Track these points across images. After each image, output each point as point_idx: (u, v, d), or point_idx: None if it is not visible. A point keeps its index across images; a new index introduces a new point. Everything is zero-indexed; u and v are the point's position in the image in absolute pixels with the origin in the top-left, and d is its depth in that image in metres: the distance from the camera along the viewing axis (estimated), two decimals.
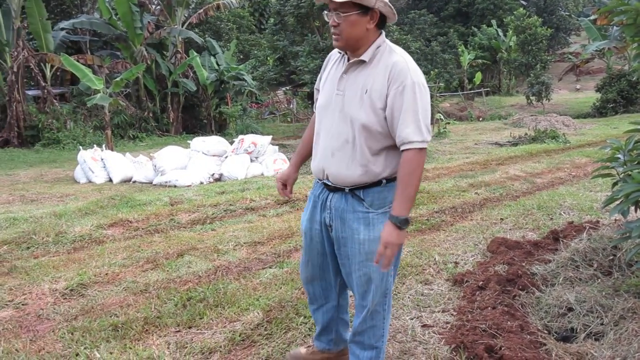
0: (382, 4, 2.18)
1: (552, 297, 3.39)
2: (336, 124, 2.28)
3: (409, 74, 2.15)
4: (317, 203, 2.45)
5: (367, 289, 2.35)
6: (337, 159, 2.28)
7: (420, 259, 4.40)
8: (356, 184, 2.28)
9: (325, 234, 2.45)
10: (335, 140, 2.28)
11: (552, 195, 6.76)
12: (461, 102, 30.80)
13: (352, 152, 2.24)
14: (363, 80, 2.22)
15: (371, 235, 2.27)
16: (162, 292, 3.79)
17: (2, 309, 3.59)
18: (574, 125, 19.41)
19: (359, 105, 2.21)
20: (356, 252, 2.32)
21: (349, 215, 2.31)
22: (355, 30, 2.18)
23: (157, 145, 16.54)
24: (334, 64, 2.41)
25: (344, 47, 2.27)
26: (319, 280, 2.58)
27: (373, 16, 2.19)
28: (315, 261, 2.54)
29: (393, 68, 2.17)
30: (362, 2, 2.14)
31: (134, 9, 19.17)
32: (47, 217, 6.07)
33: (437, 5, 43.97)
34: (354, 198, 2.30)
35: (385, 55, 2.23)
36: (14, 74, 17.21)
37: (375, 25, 2.22)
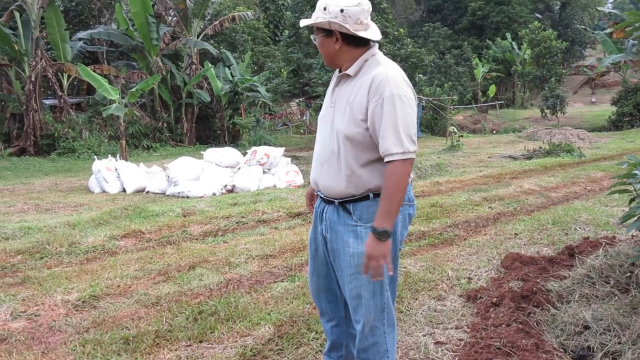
0: (337, 26, 2.24)
1: (568, 315, 3.33)
2: (326, 135, 2.37)
3: (388, 86, 2.17)
4: (317, 214, 2.51)
5: (359, 303, 2.36)
6: (325, 170, 2.35)
7: (433, 274, 4.36)
8: (343, 196, 2.31)
9: (325, 244, 2.48)
10: (325, 151, 2.36)
11: (567, 210, 6.69)
12: (475, 115, 30.68)
13: (337, 163, 2.30)
14: (348, 93, 2.29)
15: (360, 249, 2.28)
16: (173, 305, 3.78)
17: (15, 320, 3.61)
18: (589, 138, 19.23)
19: (342, 117, 2.28)
20: (347, 265, 2.34)
21: (340, 228, 2.35)
22: (326, 50, 2.34)
23: (171, 156, 16.64)
24: (334, 78, 2.50)
25: (328, 66, 2.44)
26: (325, 291, 2.59)
27: (337, 36, 2.29)
28: (320, 271, 2.56)
29: (373, 80, 2.21)
30: (319, 25, 2.29)
31: (150, 20, 19.38)
32: (61, 227, 6.12)
33: (452, 18, 44.06)
34: (344, 211, 2.34)
35: (370, 68, 2.28)
36: (31, 83, 17.43)
37: (348, 44, 2.30)
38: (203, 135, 22.62)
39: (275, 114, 29.61)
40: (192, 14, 21.04)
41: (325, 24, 2.26)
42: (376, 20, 12.09)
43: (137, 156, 17.27)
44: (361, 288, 2.33)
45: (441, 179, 9.92)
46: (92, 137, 18.25)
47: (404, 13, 45.38)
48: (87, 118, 19.13)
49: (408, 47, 12.37)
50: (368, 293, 2.33)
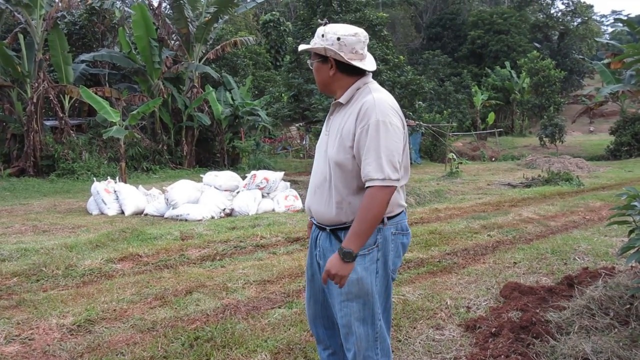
0: (332, 53, 2.28)
1: (568, 347, 3.30)
2: (320, 162, 2.41)
3: (374, 113, 2.19)
4: (312, 240, 2.52)
5: (349, 331, 2.34)
6: (317, 196, 2.38)
7: (432, 303, 4.33)
8: (334, 223, 2.33)
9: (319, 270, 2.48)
10: (317, 178, 2.39)
11: (566, 240, 6.67)
12: (474, 142, 30.83)
13: (328, 190, 2.32)
14: (339, 121, 2.33)
15: (350, 277, 2.27)
16: (169, 331, 3.74)
17: (9, 344, 3.57)
18: (588, 167, 19.30)
19: (333, 144, 2.31)
20: (337, 292, 2.34)
21: (330, 255, 2.32)
22: (320, 76, 2.38)
23: (170, 178, 16.65)
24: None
25: (322, 92, 2.49)
26: (322, 318, 2.58)
27: (331, 63, 2.32)
28: (317, 298, 2.56)
29: (362, 107, 2.23)
30: (315, 50, 2.34)
31: (153, 43, 19.59)
32: (58, 249, 6.09)
33: (451, 46, 44.56)
34: (336, 239, 2.35)
35: (362, 96, 2.30)
36: (33, 104, 17.53)
37: (342, 71, 2.33)
38: (203, 158, 22.68)
39: (275, 138, 29.73)
40: (194, 39, 21.26)
41: (321, 50, 2.31)
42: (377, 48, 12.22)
43: (137, 178, 17.27)
44: (351, 316, 2.32)
45: (440, 206, 9.91)
46: (91, 158, 18.29)
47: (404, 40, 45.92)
48: (88, 139, 19.19)
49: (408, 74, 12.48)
50: (358, 321, 2.32)
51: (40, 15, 17.79)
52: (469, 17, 45.49)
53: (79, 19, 22.42)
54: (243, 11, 26.86)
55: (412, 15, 49.50)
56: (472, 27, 43.31)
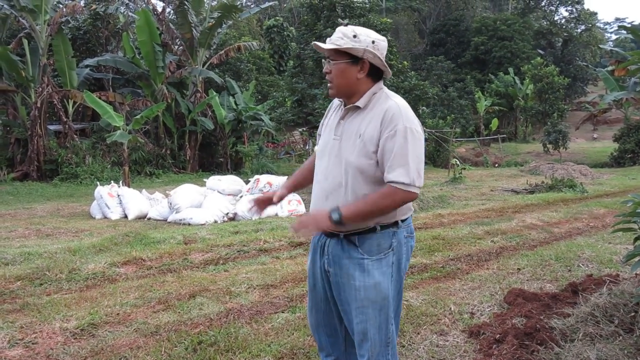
0: (371, 55, 2.24)
1: (572, 354, 3.28)
2: (331, 167, 2.33)
3: (400, 119, 2.19)
4: (316, 248, 2.46)
5: (364, 338, 2.32)
6: (330, 202, 2.29)
7: (435, 308, 4.32)
8: (350, 229, 2.28)
9: (326, 279, 2.44)
10: (330, 183, 2.32)
11: (570, 246, 6.65)
12: (477, 148, 30.80)
13: (344, 196, 2.26)
14: (357, 125, 2.28)
15: (367, 282, 2.26)
16: (172, 335, 3.74)
17: (12, 348, 3.56)
18: (592, 174, 19.25)
19: (352, 150, 2.25)
20: (353, 299, 2.31)
21: (345, 262, 2.31)
22: (344, 78, 2.28)
23: (173, 182, 16.66)
24: (334, 110, 2.48)
25: (336, 95, 2.35)
26: (324, 326, 2.55)
27: (363, 66, 2.27)
28: (319, 306, 2.53)
29: (386, 113, 2.21)
30: (351, 51, 2.23)
31: (157, 48, 19.66)
32: (62, 253, 6.09)
33: (455, 52, 44.59)
34: (349, 244, 2.31)
35: (381, 101, 2.28)
36: (37, 109, 17.59)
37: (368, 75, 2.29)
38: (206, 162, 22.71)
39: (278, 142, 29.76)
40: (198, 44, 21.33)
41: (360, 52, 2.23)
42: None
43: (140, 182, 17.30)
44: (367, 322, 2.30)
45: (443, 211, 9.89)
46: (95, 163, 18.32)
47: (407, 46, 45.97)
48: (91, 144, 19.25)
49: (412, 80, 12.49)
50: (374, 328, 2.30)
51: (44, 21, 17.86)
52: (473, 23, 45.54)
53: (83, 24, 22.51)
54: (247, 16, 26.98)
55: (415, 21, 49.56)
56: (475, 33, 43.35)
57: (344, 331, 2.53)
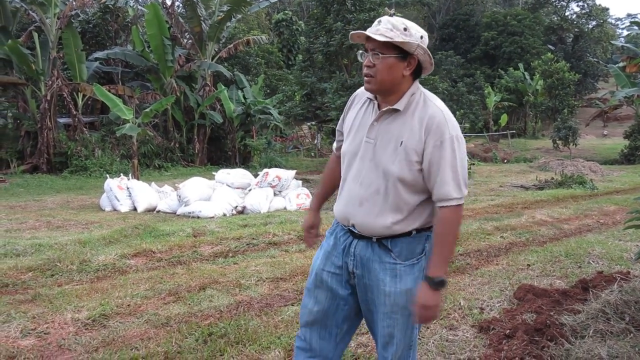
0: (422, 51, 2.09)
1: (583, 351, 3.27)
2: (366, 172, 2.18)
3: (447, 128, 2.07)
4: (337, 245, 2.32)
5: (390, 341, 2.24)
6: (365, 209, 2.18)
7: (445, 303, 4.31)
8: (384, 235, 2.17)
9: (345, 279, 2.31)
10: (365, 189, 2.18)
11: (580, 243, 6.62)
12: (486, 143, 30.69)
13: (382, 204, 2.14)
14: (397, 131, 2.13)
15: (398, 288, 2.17)
16: (183, 326, 3.76)
17: (25, 338, 3.60)
18: (601, 171, 19.14)
19: (393, 158, 2.11)
20: (381, 303, 2.21)
21: (375, 265, 2.20)
22: (391, 74, 2.09)
23: (182, 176, 16.72)
24: (361, 107, 2.29)
25: (375, 91, 2.16)
26: (320, 326, 2.38)
27: (411, 62, 2.11)
28: (321, 306, 2.36)
29: (430, 120, 2.08)
30: (403, 46, 2.06)
31: (166, 42, 19.69)
32: (72, 245, 6.12)
33: (464, 47, 44.39)
34: (381, 248, 2.19)
35: (421, 105, 2.14)
36: (47, 102, 17.68)
37: (411, 73, 2.13)
38: (214, 156, 22.77)
39: (286, 136, 29.78)
40: (207, 37, 21.35)
41: (413, 47, 2.06)
42: None
43: (149, 175, 17.37)
44: (394, 328, 2.22)
45: None
46: (104, 155, 18.42)
47: None
48: (100, 137, 19.34)
49: None
50: (401, 332, 2.23)
51: (54, 14, 17.94)
52: (483, 18, 45.33)
53: (92, 18, 22.58)
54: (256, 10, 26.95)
55: (425, 16, 49.37)
56: (485, 28, 43.14)
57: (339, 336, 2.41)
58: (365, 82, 2.15)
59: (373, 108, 2.22)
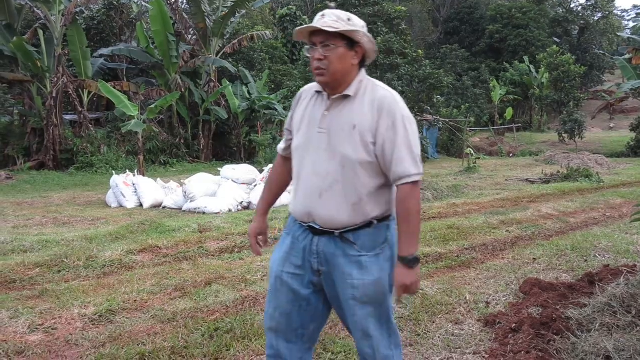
0: (367, 39, 2.16)
1: (589, 344, 3.27)
2: (322, 163, 2.18)
3: (397, 108, 2.14)
4: (296, 244, 2.29)
5: (365, 335, 2.25)
6: (325, 200, 2.17)
7: (451, 297, 4.32)
8: (347, 226, 2.17)
9: (307, 278, 2.29)
10: (323, 180, 2.17)
11: (587, 236, 6.61)
12: (491, 137, 30.55)
13: (342, 192, 2.15)
14: (349, 116, 2.16)
15: (365, 280, 2.18)
16: (189, 322, 3.78)
17: (33, 333, 3.63)
18: (608, 164, 19.04)
19: (348, 142, 2.14)
20: (350, 297, 2.21)
21: (340, 260, 2.19)
22: (342, 64, 2.15)
23: (188, 172, 16.75)
24: (309, 101, 2.31)
25: (328, 83, 2.18)
26: (285, 332, 2.35)
27: (358, 51, 2.18)
28: (283, 309, 2.33)
29: (381, 102, 2.14)
30: (351, 35, 2.13)
31: (170, 38, 19.69)
32: (79, 241, 6.16)
33: (469, 41, 44.16)
34: (344, 242, 2.19)
35: (370, 89, 2.20)
36: (53, 99, 17.73)
37: (359, 62, 2.21)
38: (220, 152, 22.78)
39: None
40: (211, 33, 21.33)
41: (359, 35, 2.14)
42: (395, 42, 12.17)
43: (154, 171, 17.41)
44: (367, 320, 2.23)
45: (458, 201, 9.86)
46: (110, 152, 18.46)
47: (421, 35, 45.61)
48: (106, 133, 19.39)
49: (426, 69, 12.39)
50: (375, 324, 2.25)
51: (59, 11, 17.95)
52: (487, 11, 45.02)
53: (97, 14, 22.61)
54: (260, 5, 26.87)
55: (429, 9, 49.10)
56: (490, 22, 42.88)
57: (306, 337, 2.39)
58: (317, 76, 2.18)
59: (322, 100, 2.26)
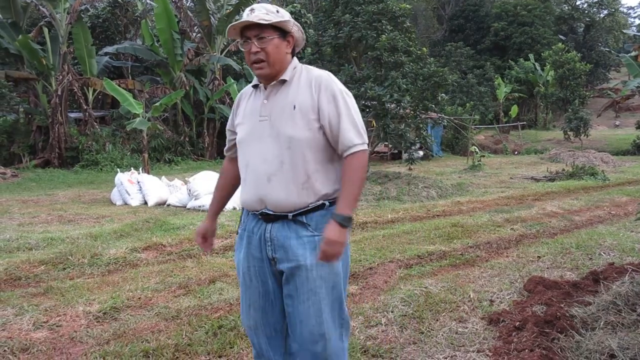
0: (297, 29, 2.29)
1: (593, 342, 3.26)
2: (267, 148, 2.24)
3: (334, 84, 2.23)
4: (252, 238, 2.32)
5: (318, 321, 2.23)
6: (275, 183, 2.21)
7: (455, 295, 4.31)
8: (298, 207, 2.21)
9: (268, 269, 2.31)
10: (269, 165, 2.22)
11: (591, 234, 6.58)
12: (496, 135, 30.48)
13: (290, 173, 2.20)
14: (288, 98, 2.24)
15: (319, 260, 2.19)
16: (193, 319, 3.79)
17: (37, 330, 3.64)
18: (613, 162, 18.97)
19: (290, 122, 2.21)
20: (304, 280, 2.21)
21: (293, 242, 2.22)
22: (279, 54, 2.24)
23: (192, 170, 16.77)
24: (248, 99, 2.39)
25: (268, 74, 2.26)
26: (263, 327, 2.38)
27: (289, 41, 2.29)
28: (257, 304, 2.36)
29: (317, 80, 2.23)
30: (282, 25, 2.23)
31: (175, 36, 19.72)
32: (84, 239, 6.18)
33: (474, 38, 44.02)
34: (297, 224, 2.22)
35: (304, 72, 2.30)
36: (58, 97, 17.79)
37: (291, 51, 2.31)
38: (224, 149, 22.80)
39: None
40: (216, 31, 21.34)
41: (290, 25, 2.26)
42: (399, 39, 12.10)
43: (159, 169, 17.44)
44: (321, 303, 2.23)
45: (462, 199, 9.84)
46: (115, 150, 18.51)
47: (426, 32, 45.51)
48: (111, 131, 19.44)
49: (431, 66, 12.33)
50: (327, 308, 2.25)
51: (64, 9, 18.01)
52: (492, 8, 44.84)
53: (102, 12, 22.66)
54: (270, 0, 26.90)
55: (434, 7, 48.96)
56: (495, 19, 42.71)
57: (285, 330, 2.40)
58: (256, 69, 2.25)
59: (260, 92, 2.34)
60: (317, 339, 2.24)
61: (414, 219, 7.97)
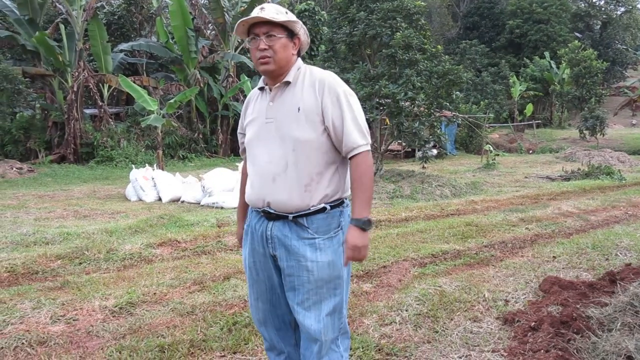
0: (303, 32, 2.33)
1: (610, 344, 3.23)
2: (273, 149, 2.27)
3: (338, 86, 2.24)
4: (254, 234, 2.36)
5: (316, 322, 2.25)
6: (279, 184, 2.23)
7: (469, 295, 4.29)
8: (300, 209, 2.22)
9: (272, 264, 2.34)
10: (275, 165, 2.25)
11: (608, 235, 6.52)
12: (511, 134, 30.26)
13: (294, 174, 2.21)
14: (293, 100, 2.26)
15: (319, 260, 2.22)
16: (208, 315, 3.81)
17: (55, 324, 3.68)
18: (630, 161, 18.77)
19: (295, 124, 2.22)
20: (305, 281, 2.24)
21: (294, 242, 2.24)
22: (285, 53, 2.26)
23: (206, 166, 16.85)
24: (255, 101, 2.42)
25: (273, 71, 2.28)
26: (272, 320, 2.44)
27: (296, 42, 2.32)
28: (264, 298, 2.42)
29: (321, 82, 2.24)
30: (291, 26, 2.27)
31: (190, 33, 19.80)
32: (99, 234, 6.23)
33: (489, 36, 43.73)
34: (298, 225, 2.24)
35: (308, 73, 2.30)
36: (74, 93, 17.94)
37: (296, 52, 2.34)
38: (237, 147, 22.87)
39: None
40: (230, 28, 21.38)
41: (298, 27, 2.29)
42: (414, 37, 12.04)
43: (173, 166, 17.54)
44: (321, 303, 2.26)
45: (476, 198, 9.79)
46: (129, 146, 18.64)
47: (440, 30, 45.25)
48: (126, 128, 19.57)
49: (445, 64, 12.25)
50: (327, 310, 2.27)
51: (80, 6, 18.15)
52: (508, 5, 44.46)
53: (117, 9, 22.79)
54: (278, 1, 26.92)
55: (449, 4, 48.68)
56: (510, 16, 42.35)
57: (294, 322, 2.43)
58: (262, 65, 2.28)
59: (266, 94, 2.36)
60: (314, 340, 2.28)
61: (428, 217, 7.94)
